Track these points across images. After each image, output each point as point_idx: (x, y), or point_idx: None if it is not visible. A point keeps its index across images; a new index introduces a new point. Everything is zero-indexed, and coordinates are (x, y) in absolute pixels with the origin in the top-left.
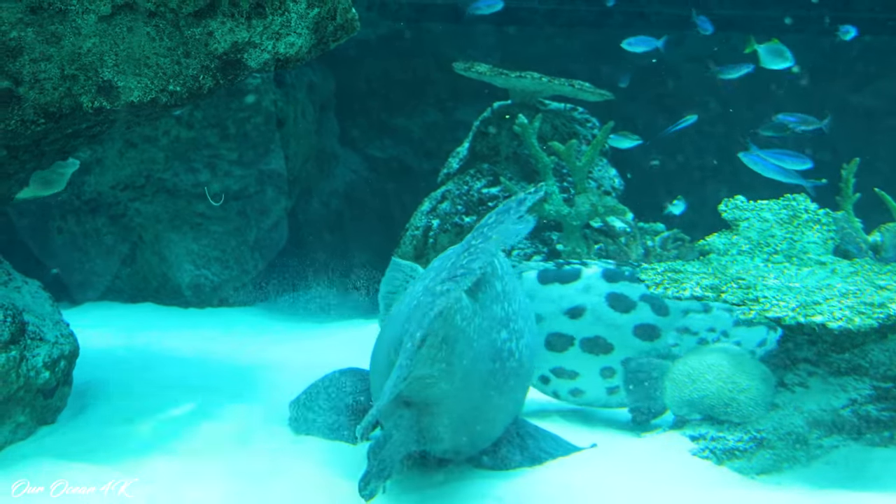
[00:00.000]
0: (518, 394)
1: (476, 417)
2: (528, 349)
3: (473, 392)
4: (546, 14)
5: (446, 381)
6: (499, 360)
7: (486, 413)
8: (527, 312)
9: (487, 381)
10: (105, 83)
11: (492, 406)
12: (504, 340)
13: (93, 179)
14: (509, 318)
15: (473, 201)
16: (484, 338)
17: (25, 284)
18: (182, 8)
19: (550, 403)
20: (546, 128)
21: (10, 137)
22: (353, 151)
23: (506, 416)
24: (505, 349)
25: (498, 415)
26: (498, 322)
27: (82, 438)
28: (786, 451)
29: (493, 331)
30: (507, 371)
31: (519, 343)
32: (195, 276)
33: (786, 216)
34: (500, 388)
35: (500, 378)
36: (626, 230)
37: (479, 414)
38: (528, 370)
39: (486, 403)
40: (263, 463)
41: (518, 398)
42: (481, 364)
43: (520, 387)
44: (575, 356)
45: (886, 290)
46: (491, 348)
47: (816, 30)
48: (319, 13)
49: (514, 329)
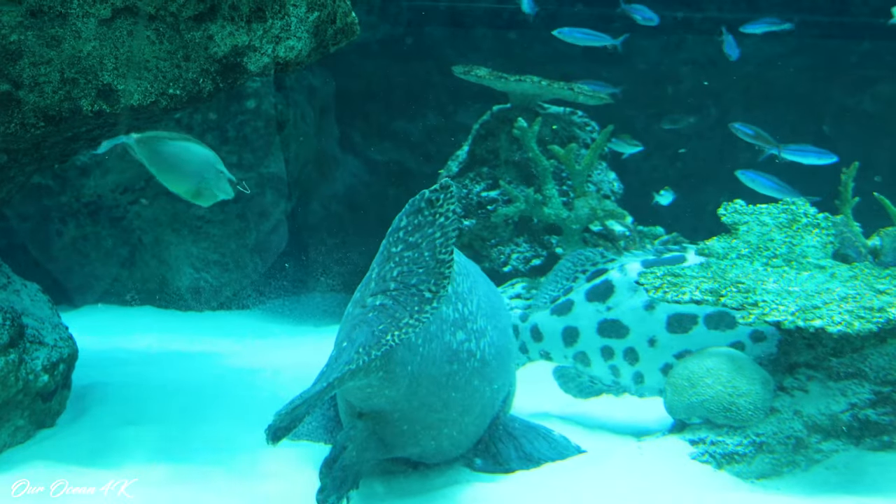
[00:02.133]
0: (488, 393)
1: (440, 421)
2: (493, 347)
3: (429, 396)
4: (546, 18)
5: (390, 388)
6: (457, 361)
7: (450, 415)
8: (493, 311)
9: (445, 384)
10: (105, 87)
11: (456, 408)
12: (461, 342)
13: (93, 182)
14: (465, 318)
15: (473, 205)
16: (433, 341)
17: (25, 287)
18: (182, 12)
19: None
20: (545, 131)
21: (10, 141)
22: (353, 155)
23: (477, 418)
24: (463, 350)
25: (465, 416)
26: (451, 324)
27: (81, 442)
28: (785, 456)
29: (446, 333)
30: (468, 372)
31: (480, 342)
32: (195, 279)
33: (785, 220)
34: (463, 389)
35: (460, 379)
36: (626, 234)
37: (443, 417)
38: (496, 368)
39: (449, 406)
40: (262, 465)
41: (490, 397)
42: (434, 368)
43: (489, 386)
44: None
45: (886, 295)
46: (445, 351)
47: (817, 34)
48: (319, 17)
49: (472, 329)
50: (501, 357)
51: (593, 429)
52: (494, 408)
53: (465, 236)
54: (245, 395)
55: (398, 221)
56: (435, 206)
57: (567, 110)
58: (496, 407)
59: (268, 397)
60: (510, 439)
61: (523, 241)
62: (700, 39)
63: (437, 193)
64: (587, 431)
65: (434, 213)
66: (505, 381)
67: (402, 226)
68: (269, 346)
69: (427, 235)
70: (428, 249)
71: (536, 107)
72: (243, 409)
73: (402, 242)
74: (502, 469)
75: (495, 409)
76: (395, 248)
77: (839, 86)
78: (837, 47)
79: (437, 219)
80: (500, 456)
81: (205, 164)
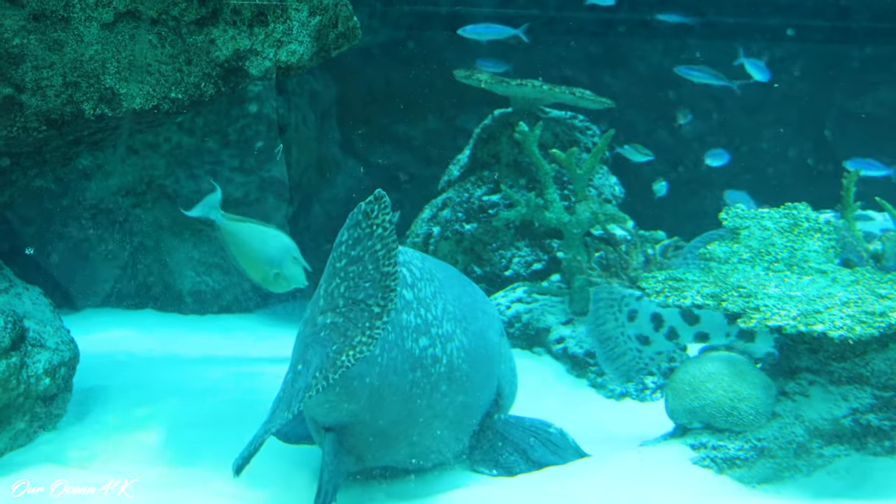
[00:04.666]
0: (461, 398)
1: (408, 428)
2: (462, 352)
3: (393, 405)
4: (547, 22)
5: (349, 402)
6: (420, 368)
7: (417, 422)
8: (464, 314)
9: (410, 392)
10: (107, 90)
11: (424, 414)
12: (424, 348)
13: (94, 186)
14: (429, 324)
15: (474, 209)
16: (394, 350)
17: (26, 291)
18: (184, 16)
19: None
20: (547, 135)
21: (12, 144)
22: (355, 158)
23: (451, 423)
24: (427, 356)
25: (436, 422)
26: (413, 330)
27: (83, 445)
28: (787, 461)
29: (407, 340)
30: (434, 377)
31: (447, 347)
32: (196, 282)
33: (786, 224)
34: (429, 395)
35: (425, 386)
36: (627, 238)
37: (410, 424)
38: (469, 372)
39: (414, 413)
40: (261, 467)
41: (466, 401)
42: (395, 376)
43: (461, 390)
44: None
45: (888, 300)
46: (407, 358)
47: (818, 38)
48: (321, 21)
49: (437, 334)
50: (477, 360)
51: (594, 432)
52: (476, 411)
53: (467, 240)
54: (246, 398)
55: (340, 235)
56: (371, 217)
57: (568, 114)
58: (479, 410)
59: (268, 401)
60: (507, 443)
61: (524, 246)
62: (701, 44)
63: (372, 205)
64: (588, 435)
65: (371, 224)
66: (487, 384)
67: (343, 240)
68: (270, 349)
69: (368, 248)
70: (371, 262)
71: (538, 111)
72: (244, 412)
73: (346, 257)
74: (503, 473)
75: (478, 413)
76: (340, 262)
77: (840, 90)
78: (839, 52)
79: (375, 230)
80: (499, 459)
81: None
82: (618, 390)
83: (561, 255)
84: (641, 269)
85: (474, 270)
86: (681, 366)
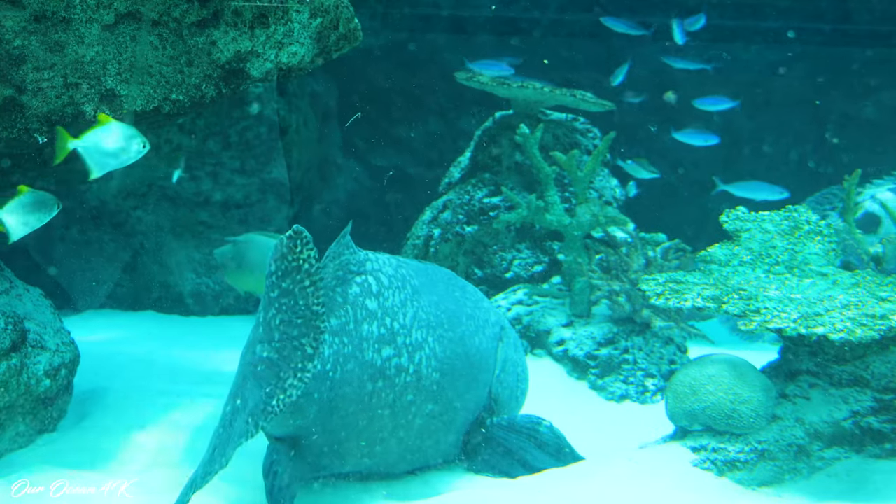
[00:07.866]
0: (430, 406)
1: (370, 438)
2: (433, 360)
3: (348, 416)
4: (548, 24)
5: (295, 418)
6: (382, 378)
7: (382, 431)
8: (440, 322)
9: (369, 403)
10: (108, 92)
11: (387, 424)
12: (388, 358)
13: (96, 187)
14: (395, 333)
15: (475, 211)
16: (350, 362)
17: (27, 292)
18: (185, 17)
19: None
20: (548, 138)
21: (13, 145)
22: (355, 160)
23: (421, 431)
24: (390, 366)
25: (401, 432)
26: (375, 341)
27: (83, 447)
28: (787, 463)
29: (368, 351)
30: (399, 387)
31: (414, 356)
32: (197, 284)
33: (787, 227)
34: (393, 405)
35: (387, 396)
36: (628, 240)
37: (372, 434)
38: (439, 381)
39: (375, 422)
40: (260, 469)
41: (431, 410)
42: (350, 388)
43: (430, 399)
44: None
45: (888, 302)
46: (366, 369)
47: (819, 41)
48: (322, 23)
49: (404, 344)
50: (454, 368)
51: (595, 435)
52: (452, 419)
53: (468, 242)
54: None
55: (269, 266)
56: (295, 252)
57: (569, 117)
58: (456, 418)
59: None
60: (499, 447)
61: (525, 248)
62: (702, 47)
63: (293, 240)
64: (588, 438)
65: (296, 258)
66: (469, 391)
67: (273, 270)
68: None
69: (297, 282)
70: (301, 298)
71: (539, 113)
72: None
73: (277, 288)
74: (503, 475)
75: (455, 421)
76: (273, 293)
77: (841, 93)
78: (840, 55)
79: (301, 264)
80: (497, 463)
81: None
82: (618, 392)
83: (562, 257)
84: (642, 271)
85: (475, 272)
86: (681, 368)
